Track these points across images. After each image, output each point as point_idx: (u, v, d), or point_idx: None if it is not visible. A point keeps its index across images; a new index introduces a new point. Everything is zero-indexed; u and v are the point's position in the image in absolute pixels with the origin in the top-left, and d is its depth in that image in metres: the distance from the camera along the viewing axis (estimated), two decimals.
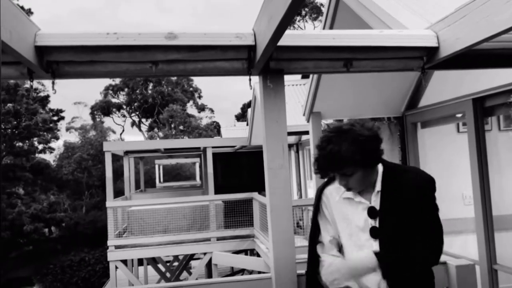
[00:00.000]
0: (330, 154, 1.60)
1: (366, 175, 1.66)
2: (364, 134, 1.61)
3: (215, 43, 2.08)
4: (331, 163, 1.62)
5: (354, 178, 1.64)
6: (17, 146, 23.25)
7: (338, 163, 1.60)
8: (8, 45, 1.66)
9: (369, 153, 1.62)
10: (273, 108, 2.23)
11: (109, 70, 2.12)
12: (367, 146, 1.61)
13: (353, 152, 1.57)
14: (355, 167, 1.61)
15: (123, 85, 37.91)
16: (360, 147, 1.59)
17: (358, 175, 1.63)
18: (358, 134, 1.61)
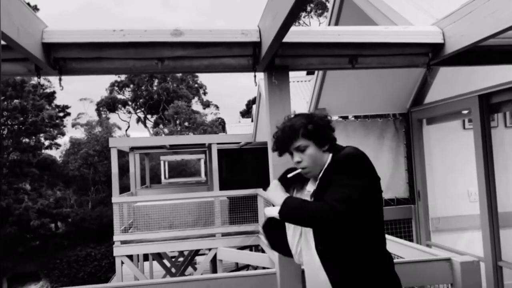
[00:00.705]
0: (285, 127, 1.76)
1: (319, 154, 1.73)
2: (317, 115, 1.79)
3: (220, 39, 2.09)
4: (285, 134, 1.74)
5: (307, 154, 1.72)
6: (24, 142, 23.41)
7: (292, 133, 1.73)
8: (15, 42, 1.68)
9: (320, 128, 1.73)
10: (278, 105, 2.24)
11: (116, 66, 2.13)
12: (319, 122, 1.74)
13: (305, 124, 1.72)
14: (307, 140, 1.72)
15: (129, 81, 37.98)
16: (312, 121, 1.73)
17: (311, 151, 1.72)
18: (312, 114, 1.80)
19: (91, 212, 23.60)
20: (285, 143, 1.76)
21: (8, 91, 21.46)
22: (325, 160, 1.74)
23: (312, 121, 1.73)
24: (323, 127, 1.75)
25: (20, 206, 20.80)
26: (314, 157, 1.72)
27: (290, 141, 1.74)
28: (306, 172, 1.75)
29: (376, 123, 4.87)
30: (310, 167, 1.74)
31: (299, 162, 1.74)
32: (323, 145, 1.74)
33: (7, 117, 22.32)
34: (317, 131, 1.73)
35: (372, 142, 4.84)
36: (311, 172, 1.75)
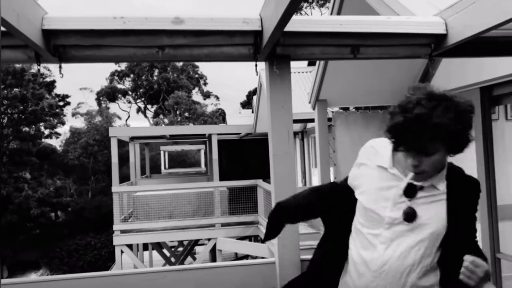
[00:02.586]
0: (419, 117, 1.21)
1: (444, 161, 1.33)
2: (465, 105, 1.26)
3: (221, 28, 2.07)
4: (417, 130, 1.22)
5: (432, 159, 1.27)
6: (24, 131, 23.39)
7: (427, 132, 1.21)
8: (15, 28, 1.67)
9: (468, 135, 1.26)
10: (279, 95, 2.23)
11: (116, 54, 2.12)
12: (469, 120, 1.26)
13: (452, 121, 1.20)
14: (442, 144, 1.25)
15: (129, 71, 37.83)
16: (461, 119, 1.23)
17: (439, 157, 1.28)
18: (456, 101, 1.25)
19: (91, 202, 23.67)
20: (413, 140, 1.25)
21: (8, 79, 21.39)
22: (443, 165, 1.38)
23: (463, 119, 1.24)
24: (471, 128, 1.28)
25: (20, 194, 20.86)
26: (438, 165, 1.32)
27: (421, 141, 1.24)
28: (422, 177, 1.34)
29: (376, 115, 4.86)
30: (428, 174, 1.33)
31: (416, 166, 1.30)
32: (457, 152, 1.31)
33: (7, 106, 22.27)
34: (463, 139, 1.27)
35: (372, 133, 4.83)
36: (424, 178, 1.35)
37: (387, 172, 1.41)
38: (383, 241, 1.37)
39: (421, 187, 1.36)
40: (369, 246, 1.40)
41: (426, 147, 1.25)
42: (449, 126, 1.20)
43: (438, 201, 1.37)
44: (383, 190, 1.40)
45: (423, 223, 1.35)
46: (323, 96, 4.65)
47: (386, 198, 1.39)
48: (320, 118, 4.65)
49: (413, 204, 1.35)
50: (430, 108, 1.21)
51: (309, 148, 11.19)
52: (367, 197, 1.44)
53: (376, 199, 1.40)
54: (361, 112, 4.87)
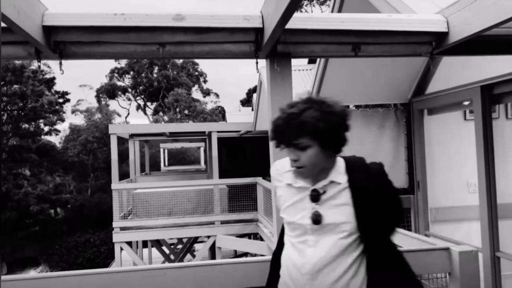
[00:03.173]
0: (290, 116, 1.41)
1: (321, 158, 1.45)
2: (334, 109, 1.44)
3: (222, 25, 2.07)
4: (288, 126, 1.41)
5: (307, 154, 1.43)
6: (23, 127, 23.38)
7: (296, 127, 1.39)
8: (16, 24, 1.66)
9: (334, 128, 1.42)
10: (280, 92, 2.23)
11: (116, 51, 2.11)
12: (332, 120, 1.41)
13: (315, 119, 1.38)
14: (313, 139, 1.41)
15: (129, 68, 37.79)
16: (324, 117, 1.39)
17: (313, 152, 1.42)
18: (327, 105, 1.44)
19: (90, 199, 23.67)
20: (286, 136, 1.44)
21: (7, 76, 21.36)
22: (329, 165, 1.50)
23: (326, 118, 1.40)
24: (337, 127, 1.44)
25: (19, 191, 20.86)
26: (313, 159, 1.44)
27: (292, 136, 1.42)
28: (301, 172, 1.49)
29: (377, 113, 4.85)
30: (307, 169, 1.47)
31: (295, 160, 1.46)
32: (330, 148, 1.46)
33: (6, 102, 22.24)
34: (328, 132, 1.41)
35: (372, 131, 4.83)
36: (304, 175, 1.50)
37: (294, 187, 1.56)
38: (310, 245, 1.51)
39: (324, 191, 1.50)
40: (300, 252, 1.53)
41: (298, 142, 1.42)
42: (311, 124, 1.38)
43: (343, 196, 1.50)
44: (298, 203, 1.55)
45: (333, 222, 1.48)
46: (324, 94, 4.63)
47: (302, 209, 1.53)
48: None
49: (320, 207, 1.50)
50: (301, 109, 1.41)
51: None
52: (288, 212, 1.58)
53: (295, 213, 1.55)
54: (361, 110, 4.86)
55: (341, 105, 1.50)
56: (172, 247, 13.84)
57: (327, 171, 1.51)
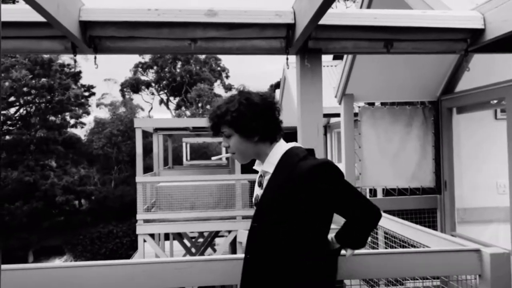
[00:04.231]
0: (216, 109, 1.61)
1: (246, 145, 1.59)
2: (250, 99, 1.56)
3: (254, 20, 2.07)
4: (213, 117, 1.61)
5: (232, 141, 1.60)
6: (50, 120, 23.95)
7: (217, 118, 1.59)
8: (55, 19, 1.70)
9: (242, 117, 1.54)
10: (310, 88, 2.22)
11: (149, 46, 2.14)
12: (241, 109, 1.54)
13: (229, 110, 1.55)
14: (230, 129, 1.57)
15: (152, 63, 38.22)
16: (237, 108, 1.54)
17: (235, 139, 1.59)
18: (246, 97, 1.57)
19: (114, 191, 24.12)
20: (214, 127, 1.62)
21: (36, 69, 21.91)
22: (260, 150, 1.61)
23: (238, 109, 1.54)
24: (247, 116, 1.54)
25: (46, 182, 21.42)
26: (238, 147, 1.60)
27: (216, 126, 1.61)
28: (235, 157, 1.66)
29: (404, 111, 4.78)
30: (237, 155, 1.64)
31: (226, 147, 1.65)
32: (249, 135, 1.57)
33: (35, 95, 22.83)
34: (239, 121, 1.55)
35: (399, 129, 4.76)
36: (239, 160, 1.67)
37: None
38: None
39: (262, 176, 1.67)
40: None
41: (223, 131, 1.59)
42: (226, 114, 1.55)
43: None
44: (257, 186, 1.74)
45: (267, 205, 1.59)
46: (350, 91, 4.60)
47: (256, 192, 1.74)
48: (346, 113, 4.61)
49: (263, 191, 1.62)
50: (226, 102, 1.59)
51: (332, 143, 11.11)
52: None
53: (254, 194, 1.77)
54: (388, 107, 4.80)
55: (265, 96, 1.62)
56: (193, 240, 13.99)
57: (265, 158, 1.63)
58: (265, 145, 1.61)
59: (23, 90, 22.03)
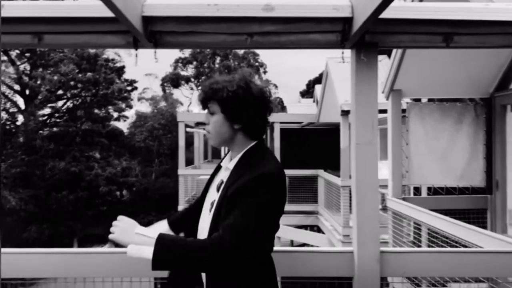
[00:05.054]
0: (212, 82, 1.60)
1: (225, 129, 1.57)
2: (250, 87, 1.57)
3: (311, 15, 2.07)
4: (207, 89, 1.60)
5: (213, 119, 1.57)
6: (95, 113, 24.87)
7: (210, 91, 1.58)
8: (123, 14, 1.77)
9: (236, 100, 1.52)
10: (365, 83, 2.20)
11: (207, 41, 2.19)
12: (239, 93, 1.52)
13: (226, 88, 1.53)
14: (218, 106, 1.55)
15: (192, 58, 38.82)
16: (234, 89, 1.53)
17: (218, 119, 1.56)
18: (246, 82, 1.57)
19: (155, 183, 24.77)
20: (203, 98, 1.61)
21: (83, 64, 22.79)
22: (236, 140, 1.59)
23: (235, 91, 1.53)
24: (241, 101, 1.53)
25: (90, 173, 22.29)
26: (217, 129, 1.58)
27: (207, 99, 1.60)
28: (208, 137, 1.64)
29: (454, 107, 4.63)
30: (212, 135, 1.60)
31: (206, 124, 1.63)
32: (234, 121, 1.55)
33: (81, 89, 23.76)
34: (231, 102, 1.53)
35: (448, 127, 4.62)
36: (212, 141, 1.63)
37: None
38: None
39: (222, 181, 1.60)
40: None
41: (209, 106, 1.59)
42: (221, 90, 1.53)
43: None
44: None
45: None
46: (398, 86, 4.51)
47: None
48: (394, 109, 4.52)
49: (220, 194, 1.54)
50: (225, 79, 1.58)
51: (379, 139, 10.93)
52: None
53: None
54: (437, 104, 4.67)
55: (264, 91, 1.63)
56: None
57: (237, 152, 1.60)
58: (243, 137, 1.59)
59: (70, 84, 22.96)
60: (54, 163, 21.83)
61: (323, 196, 9.26)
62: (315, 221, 9.69)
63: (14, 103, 23.83)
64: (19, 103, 23.80)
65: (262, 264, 1.57)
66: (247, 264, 1.44)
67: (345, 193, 7.23)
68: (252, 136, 1.60)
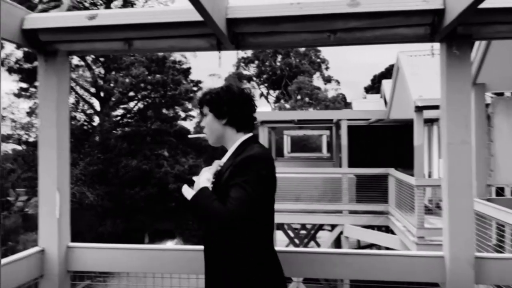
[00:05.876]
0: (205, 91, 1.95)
1: (216, 127, 1.86)
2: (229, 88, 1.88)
3: (399, 8, 1.98)
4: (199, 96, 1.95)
5: (206, 120, 1.89)
6: (163, 113, 25.95)
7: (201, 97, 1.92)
8: (211, 17, 1.81)
9: (219, 100, 1.84)
10: (458, 78, 2.07)
11: (288, 40, 2.17)
12: (220, 94, 1.85)
13: (212, 93, 1.87)
14: (207, 108, 1.88)
15: (254, 57, 39.24)
16: (218, 92, 1.86)
17: (208, 119, 1.87)
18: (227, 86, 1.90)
19: None
20: (198, 105, 1.94)
21: (152, 66, 23.88)
22: (227, 135, 1.86)
23: (219, 93, 1.85)
24: (224, 99, 1.83)
25: (160, 170, 23.31)
26: (210, 126, 1.87)
27: (200, 104, 1.92)
28: (206, 138, 1.93)
29: None
30: (208, 135, 1.91)
31: (201, 126, 1.97)
32: (220, 117, 1.84)
33: (150, 90, 24.90)
34: (215, 101, 1.85)
35: None
36: (209, 140, 1.93)
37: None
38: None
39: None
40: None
41: (202, 110, 1.92)
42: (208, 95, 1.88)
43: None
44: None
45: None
46: (482, 80, 4.21)
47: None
48: (477, 104, 4.23)
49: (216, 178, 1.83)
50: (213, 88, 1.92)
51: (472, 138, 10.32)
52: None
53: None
54: None
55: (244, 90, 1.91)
56: (296, 231, 14.13)
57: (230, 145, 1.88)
58: (232, 130, 1.86)
59: (141, 85, 24.14)
60: (127, 161, 23.08)
61: (394, 195, 8.93)
62: (385, 222, 9.38)
63: (91, 105, 25.51)
64: (95, 105, 25.45)
65: (260, 263, 1.72)
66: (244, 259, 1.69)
67: (419, 193, 6.91)
68: (239, 128, 1.86)
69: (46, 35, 2.21)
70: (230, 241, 1.70)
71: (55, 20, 2.17)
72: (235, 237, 1.68)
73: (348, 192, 9.60)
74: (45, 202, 2.29)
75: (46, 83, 2.33)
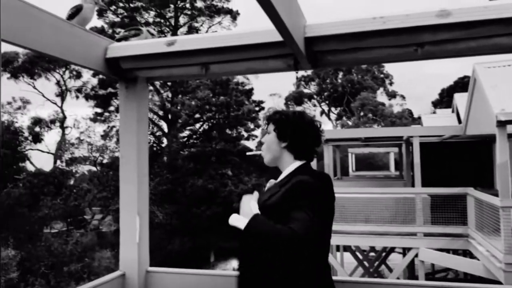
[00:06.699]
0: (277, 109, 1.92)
1: (274, 146, 1.85)
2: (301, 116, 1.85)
3: (498, 16, 1.79)
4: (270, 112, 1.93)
5: (267, 138, 1.87)
6: (227, 133, 26.48)
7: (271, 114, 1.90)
8: (292, 37, 1.75)
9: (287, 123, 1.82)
10: None
11: (371, 56, 2.05)
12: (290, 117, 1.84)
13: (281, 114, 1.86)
14: (273, 125, 1.86)
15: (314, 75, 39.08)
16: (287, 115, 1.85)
17: (270, 137, 1.86)
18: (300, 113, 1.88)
19: None
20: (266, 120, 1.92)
21: (216, 89, 24.57)
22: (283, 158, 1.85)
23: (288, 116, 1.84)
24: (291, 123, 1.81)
25: (225, 189, 23.67)
26: (269, 145, 1.86)
27: (267, 120, 1.91)
28: (262, 155, 1.91)
29: None
30: (264, 153, 1.89)
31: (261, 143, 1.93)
32: (281, 139, 1.82)
33: (215, 112, 25.58)
34: (283, 122, 1.83)
35: None
36: (264, 158, 1.90)
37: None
38: None
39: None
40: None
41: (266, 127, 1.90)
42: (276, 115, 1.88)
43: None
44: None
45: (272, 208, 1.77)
46: None
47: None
48: None
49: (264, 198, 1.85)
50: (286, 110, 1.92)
51: None
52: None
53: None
54: None
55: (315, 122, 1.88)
56: (364, 253, 13.55)
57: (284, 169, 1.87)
58: (289, 156, 1.84)
59: (206, 107, 24.88)
60: (193, 180, 23.70)
61: (474, 217, 8.26)
62: (465, 245, 8.67)
63: (159, 127, 26.69)
64: (163, 127, 26.58)
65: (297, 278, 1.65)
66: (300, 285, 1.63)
67: (505, 215, 6.31)
68: (297, 155, 1.83)
69: (127, 63, 2.27)
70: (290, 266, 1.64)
71: (135, 47, 2.22)
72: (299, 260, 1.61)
73: (422, 213, 9.04)
74: (126, 226, 2.32)
75: (127, 109, 2.39)
